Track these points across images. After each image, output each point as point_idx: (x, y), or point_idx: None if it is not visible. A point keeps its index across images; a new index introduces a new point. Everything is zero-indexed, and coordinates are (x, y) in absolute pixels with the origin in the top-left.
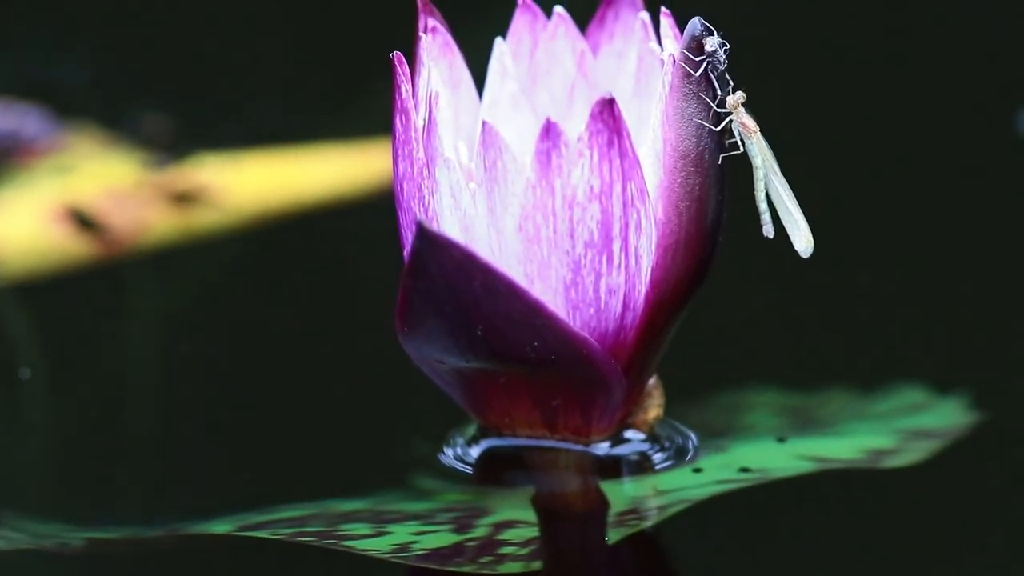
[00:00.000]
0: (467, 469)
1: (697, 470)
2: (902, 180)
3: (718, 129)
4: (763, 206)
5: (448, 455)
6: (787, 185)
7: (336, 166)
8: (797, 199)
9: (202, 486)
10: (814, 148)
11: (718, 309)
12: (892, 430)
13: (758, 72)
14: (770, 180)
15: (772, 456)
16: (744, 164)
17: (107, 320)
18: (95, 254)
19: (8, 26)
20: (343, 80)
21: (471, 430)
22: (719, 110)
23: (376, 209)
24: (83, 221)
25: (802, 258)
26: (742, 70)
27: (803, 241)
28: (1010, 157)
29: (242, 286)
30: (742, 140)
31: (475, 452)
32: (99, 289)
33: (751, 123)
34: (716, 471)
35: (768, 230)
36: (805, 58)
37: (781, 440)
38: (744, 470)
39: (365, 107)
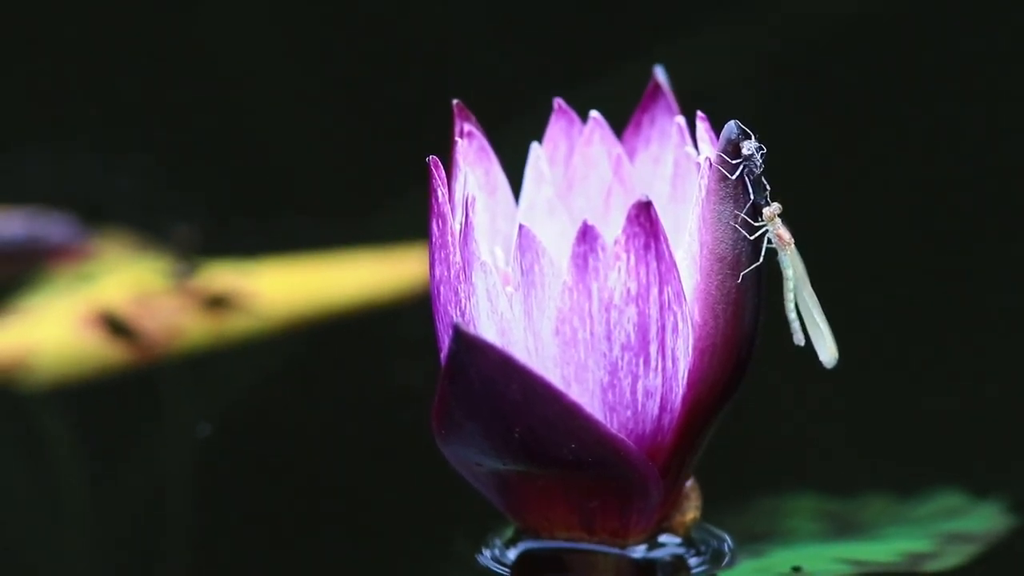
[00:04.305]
0: (504, 571)
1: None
2: (935, 281)
3: (752, 239)
4: (792, 315)
5: (486, 557)
6: (815, 298)
7: (367, 271)
8: (825, 311)
9: None
10: (852, 249)
11: (756, 413)
12: (931, 534)
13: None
14: (800, 292)
15: (811, 560)
16: (778, 269)
17: (141, 425)
18: (128, 360)
19: (42, 136)
20: (377, 184)
21: (509, 532)
22: (755, 223)
23: (408, 313)
24: (116, 327)
25: (827, 368)
26: (776, 173)
27: (828, 353)
28: None
29: (276, 391)
30: (776, 250)
31: (512, 554)
32: (132, 394)
33: (786, 235)
34: (753, 575)
35: (798, 338)
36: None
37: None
38: (796, 569)
39: (397, 211)
